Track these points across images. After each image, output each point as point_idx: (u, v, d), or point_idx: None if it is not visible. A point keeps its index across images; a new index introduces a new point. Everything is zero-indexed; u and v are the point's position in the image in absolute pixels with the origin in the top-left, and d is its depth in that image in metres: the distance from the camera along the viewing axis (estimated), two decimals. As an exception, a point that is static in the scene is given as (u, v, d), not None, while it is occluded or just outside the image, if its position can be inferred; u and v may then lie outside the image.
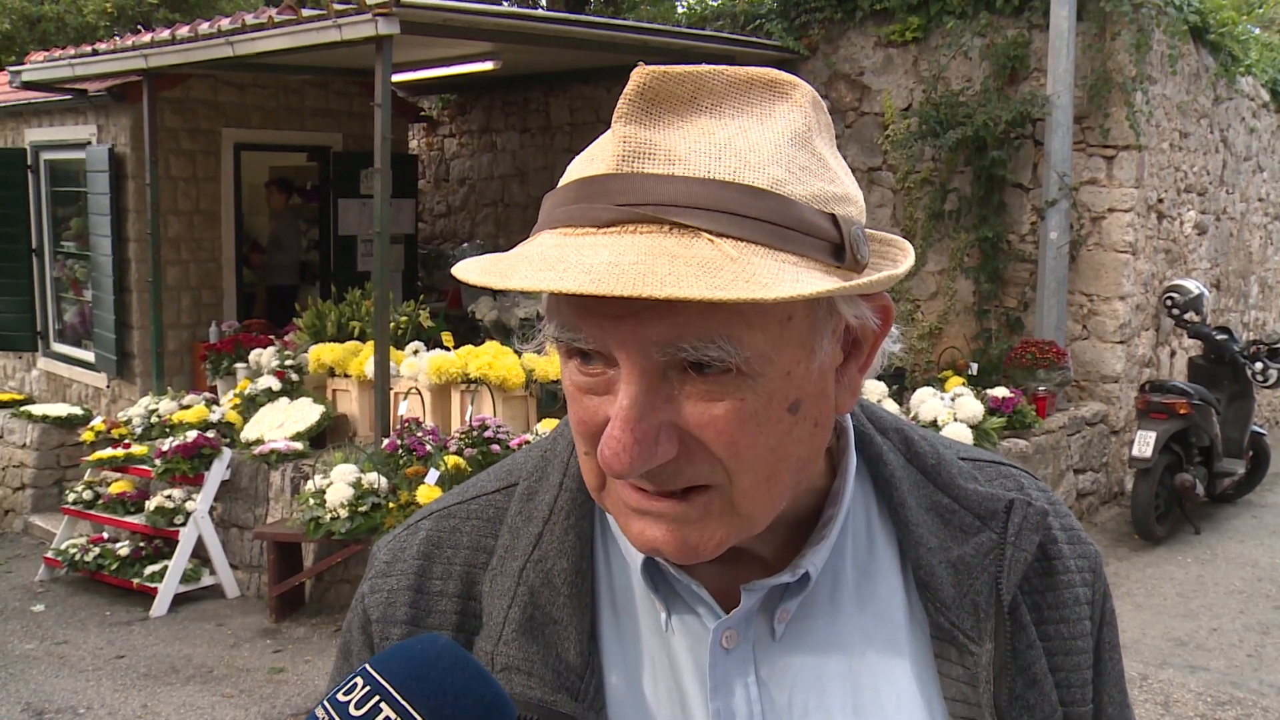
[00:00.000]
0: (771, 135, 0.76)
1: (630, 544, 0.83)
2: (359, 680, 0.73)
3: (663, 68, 0.75)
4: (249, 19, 6.97)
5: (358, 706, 0.72)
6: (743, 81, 0.77)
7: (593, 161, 0.77)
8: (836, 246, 0.76)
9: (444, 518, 0.94)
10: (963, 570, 0.89)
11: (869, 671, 0.88)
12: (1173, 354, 8.64)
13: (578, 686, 0.83)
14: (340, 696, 0.73)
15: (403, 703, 0.71)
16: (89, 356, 9.88)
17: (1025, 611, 0.91)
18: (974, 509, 0.92)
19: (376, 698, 0.72)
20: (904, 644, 0.89)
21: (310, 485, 6.05)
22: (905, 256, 0.83)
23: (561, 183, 0.78)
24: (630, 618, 0.88)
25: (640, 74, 0.74)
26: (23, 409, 9.47)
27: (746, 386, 0.75)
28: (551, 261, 0.72)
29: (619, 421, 0.74)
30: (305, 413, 7.15)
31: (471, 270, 0.76)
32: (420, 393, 6.78)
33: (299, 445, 6.82)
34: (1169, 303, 7.86)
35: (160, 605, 6.57)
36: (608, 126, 0.77)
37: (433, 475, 5.83)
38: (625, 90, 0.75)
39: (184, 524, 6.80)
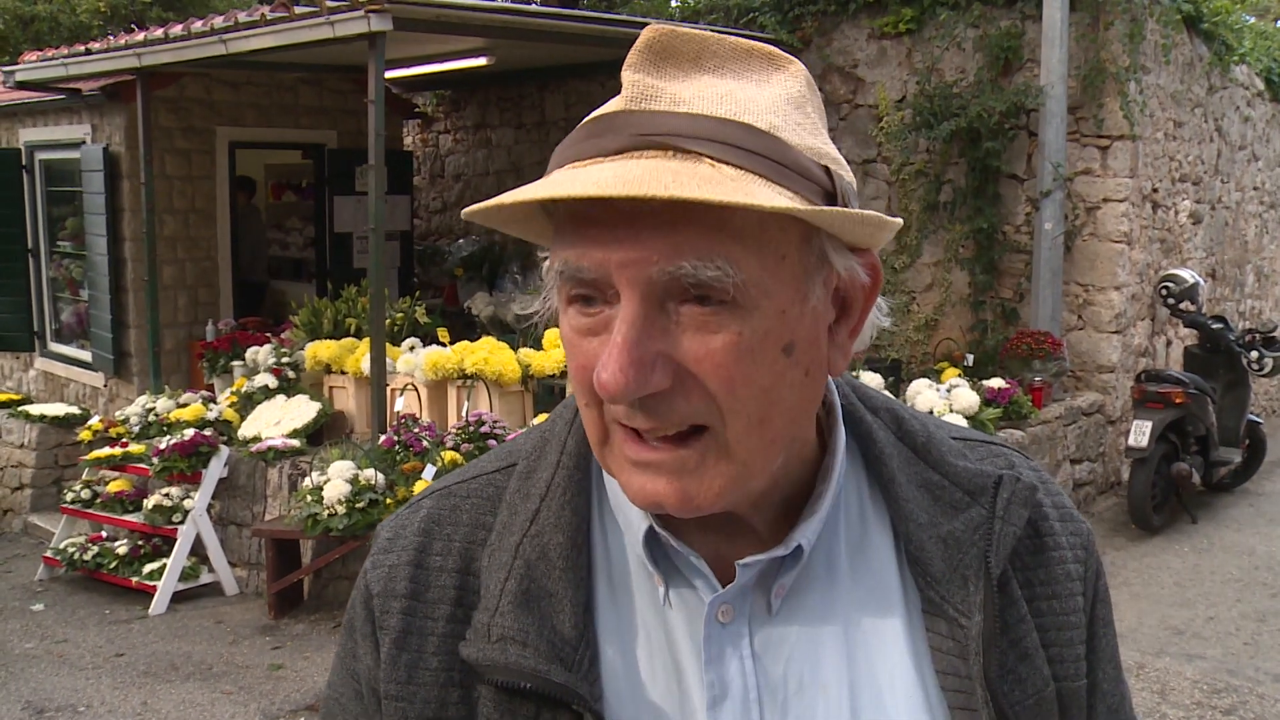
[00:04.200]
0: (770, 94, 0.81)
1: (631, 503, 0.84)
2: None
3: (671, 26, 0.80)
4: (242, 17, 6.96)
5: None
6: (744, 50, 0.83)
7: (602, 110, 0.81)
8: (829, 193, 0.80)
9: (444, 496, 0.96)
10: (952, 545, 0.91)
11: (864, 644, 0.89)
12: (1168, 343, 8.66)
13: (572, 658, 0.84)
14: None
15: None
16: (86, 356, 9.87)
17: (1016, 586, 0.92)
18: (963, 485, 0.94)
19: None
20: (897, 618, 0.90)
21: (308, 482, 6.06)
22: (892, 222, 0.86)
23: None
24: (627, 592, 0.90)
25: (651, 30, 0.80)
26: (20, 409, 9.47)
27: (743, 319, 0.77)
28: (559, 181, 0.76)
29: (616, 343, 0.76)
30: (302, 410, 7.15)
31: (479, 205, 0.79)
32: (417, 389, 6.79)
33: (296, 442, 6.82)
34: (1164, 292, 7.86)
35: (159, 603, 6.58)
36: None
37: (429, 471, 5.84)
38: (635, 44, 0.80)
39: (182, 522, 6.81)
